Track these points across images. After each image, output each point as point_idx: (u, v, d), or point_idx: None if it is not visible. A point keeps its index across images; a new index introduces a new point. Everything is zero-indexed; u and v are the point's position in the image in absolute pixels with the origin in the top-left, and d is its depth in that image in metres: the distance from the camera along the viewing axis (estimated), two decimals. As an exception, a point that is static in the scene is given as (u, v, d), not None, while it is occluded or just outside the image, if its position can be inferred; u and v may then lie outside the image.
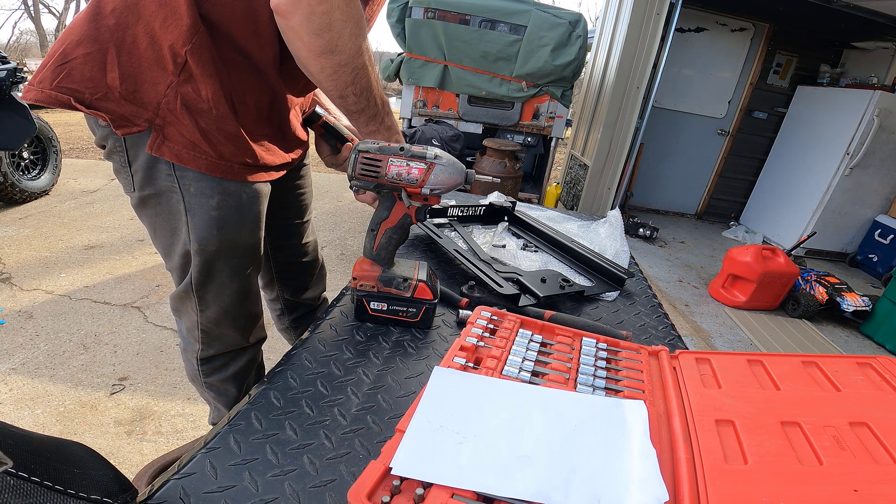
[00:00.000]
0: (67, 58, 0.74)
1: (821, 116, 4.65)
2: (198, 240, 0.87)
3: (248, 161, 0.85)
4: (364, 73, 0.78)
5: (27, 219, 3.53)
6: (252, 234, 0.93)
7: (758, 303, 3.40)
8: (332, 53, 0.72)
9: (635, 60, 3.90)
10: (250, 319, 1.08)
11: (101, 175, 4.80)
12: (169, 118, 0.76)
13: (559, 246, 1.23)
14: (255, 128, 0.86)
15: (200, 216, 0.85)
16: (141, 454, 1.64)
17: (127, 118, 0.76)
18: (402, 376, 0.73)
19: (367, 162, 0.75)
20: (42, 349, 2.10)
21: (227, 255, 0.91)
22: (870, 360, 0.66)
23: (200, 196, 0.83)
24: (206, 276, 0.92)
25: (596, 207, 4.40)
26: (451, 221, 1.26)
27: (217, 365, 1.09)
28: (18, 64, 3.57)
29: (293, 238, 1.26)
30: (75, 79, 0.74)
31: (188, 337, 1.05)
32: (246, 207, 0.89)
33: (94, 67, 0.74)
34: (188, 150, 0.79)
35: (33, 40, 21.05)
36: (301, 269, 1.33)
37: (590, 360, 0.72)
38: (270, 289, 1.34)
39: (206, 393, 1.17)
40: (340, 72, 0.76)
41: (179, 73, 0.74)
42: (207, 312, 0.98)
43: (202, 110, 0.77)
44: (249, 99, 0.83)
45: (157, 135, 0.77)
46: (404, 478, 0.48)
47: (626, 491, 0.48)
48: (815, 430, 0.53)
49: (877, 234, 4.48)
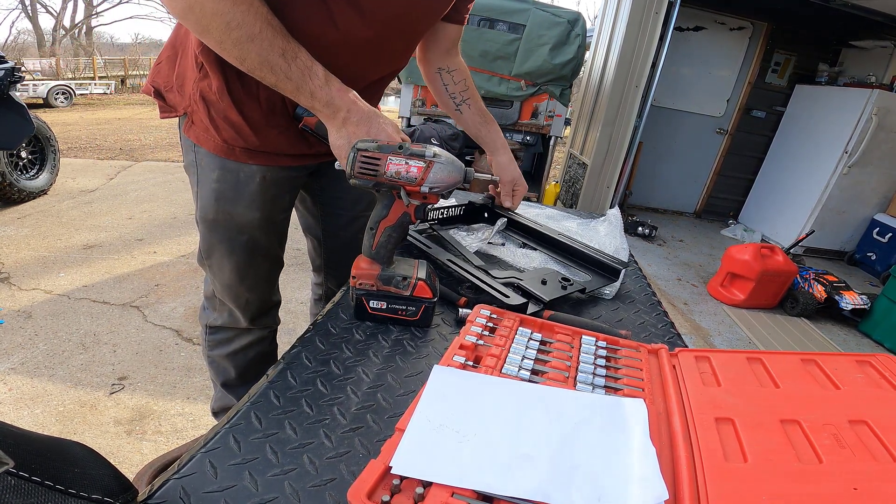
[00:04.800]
0: (160, 59, 0.97)
1: (819, 115, 4.66)
2: (201, 207, 1.02)
3: (250, 146, 0.95)
4: (250, 47, 0.72)
5: (25, 218, 3.53)
6: (248, 210, 1.02)
7: (756, 301, 3.40)
8: (205, 33, 0.72)
9: (634, 59, 3.89)
10: (253, 302, 1.16)
11: (99, 174, 4.80)
12: (194, 107, 0.92)
13: (550, 242, 1.22)
14: (266, 119, 0.93)
15: (206, 186, 1.00)
16: (141, 454, 1.64)
17: (174, 106, 0.96)
18: (402, 375, 0.73)
19: (365, 160, 0.75)
20: (41, 349, 2.10)
21: (225, 225, 1.03)
22: (869, 358, 0.66)
23: (207, 170, 0.98)
24: (208, 243, 1.07)
25: (595, 206, 4.40)
26: (431, 226, 1.24)
27: (221, 338, 1.22)
28: (16, 64, 3.57)
29: (345, 229, 1.28)
30: (160, 75, 0.96)
31: (206, 304, 1.22)
32: (242, 184, 0.99)
33: (170, 67, 0.95)
34: (203, 133, 0.94)
35: (31, 40, 21.02)
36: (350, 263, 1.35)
37: (589, 359, 0.72)
38: (318, 273, 1.43)
39: (209, 369, 1.29)
40: (224, 49, 0.73)
41: (200, 71, 0.88)
42: (216, 281, 1.13)
43: (212, 101, 0.90)
44: (262, 94, 0.90)
45: (189, 120, 0.95)
46: (404, 477, 0.48)
47: (626, 489, 0.48)
48: (814, 428, 0.53)
49: (875, 232, 4.48)
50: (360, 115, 0.80)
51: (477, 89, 1.27)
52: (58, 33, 20.40)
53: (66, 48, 19.78)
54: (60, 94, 9.91)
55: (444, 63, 1.19)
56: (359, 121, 0.81)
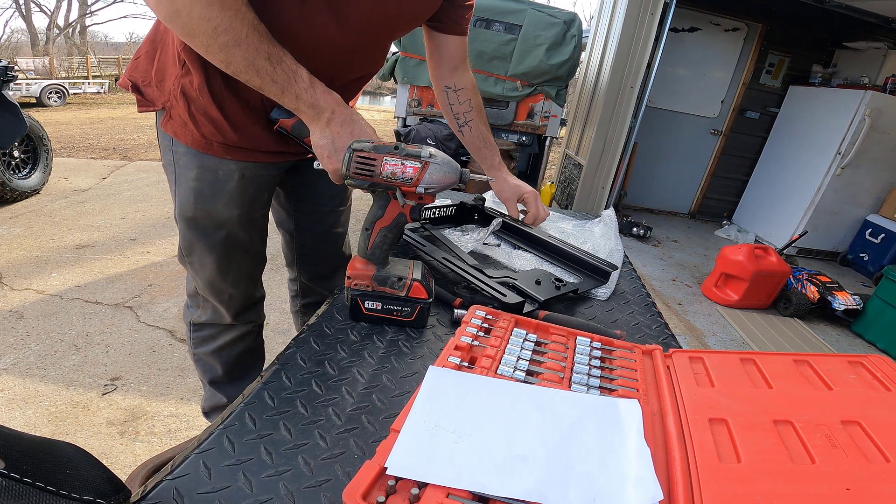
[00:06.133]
0: (139, 55, 0.96)
1: (813, 116, 4.68)
2: (180, 206, 1.02)
3: (228, 142, 0.96)
4: (236, 52, 0.73)
5: (17, 218, 3.50)
6: (226, 208, 1.02)
7: (750, 301, 3.42)
8: (192, 36, 0.72)
9: (629, 60, 3.91)
10: (236, 297, 1.17)
11: (91, 174, 4.77)
12: (173, 102, 0.92)
13: (543, 244, 1.22)
14: (246, 118, 0.94)
15: (184, 185, 1.00)
16: (134, 455, 1.63)
17: (152, 101, 0.95)
18: (397, 376, 0.73)
19: (361, 161, 0.75)
20: (33, 349, 2.09)
21: (204, 223, 1.03)
22: (861, 359, 0.67)
23: (185, 168, 0.98)
24: (188, 242, 1.07)
25: (590, 206, 4.41)
26: (423, 224, 1.24)
27: (205, 335, 1.23)
28: (9, 63, 3.54)
29: (318, 224, 1.29)
30: (138, 70, 0.96)
31: (190, 303, 1.22)
32: (221, 182, 0.99)
33: (149, 62, 0.94)
34: (181, 128, 0.94)
35: (24, 39, 20.86)
36: (322, 256, 1.37)
37: (584, 360, 0.72)
38: (291, 268, 1.42)
39: (197, 368, 1.30)
40: (210, 53, 0.73)
41: (182, 67, 0.88)
42: (198, 279, 1.14)
43: (192, 97, 0.91)
44: (242, 91, 0.91)
45: (167, 115, 0.95)
46: (399, 478, 0.48)
47: (622, 490, 0.48)
48: (807, 428, 0.54)
49: (868, 233, 4.51)
50: (343, 117, 0.83)
51: None
52: (52, 32, 20.26)
53: (59, 47, 19.65)
54: (54, 94, 9.84)
55: (452, 81, 1.20)
56: (342, 122, 0.83)
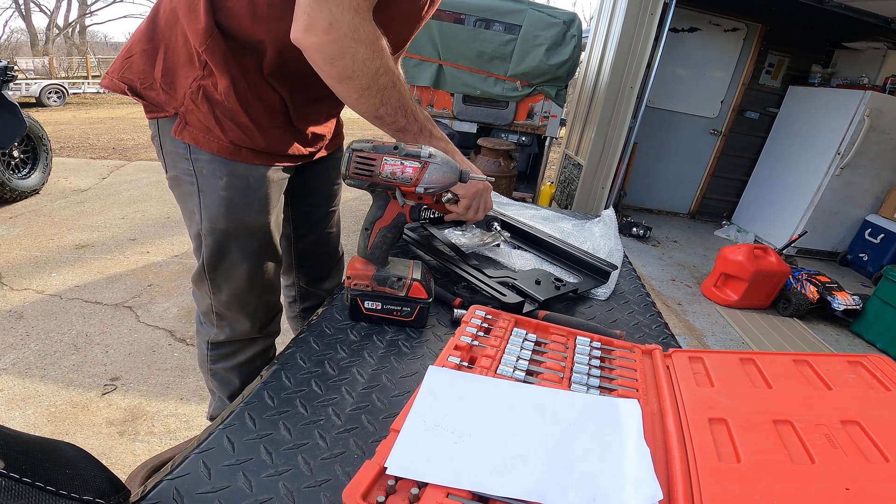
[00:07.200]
0: (131, 53, 0.89)
1: (812, 116, 4.68)
2: (209, 218, 0.95)
3: (256, 147, 0.93)
4: (392, 93, 0.81)
5: (17, 218, 3.50)
6: (260, 216, 0.99)
7: (749, 302, 3.42)
8: (350, 79, 0.76)
9: (629, 60, 3.91)
10: (261, 309, 1.13)
11: (91, 174, 4.77)
12: (191, 107, 0.87)
13: (542, 244, 1.22)
14: (269, 122, 0.93)
15: (211, 196, 0.94)
16: (133, 454, 1.63)
17: (160, 105, 0.89)
18: (397, 376, 0.73)
19: (360, 161, 0.75)
20: (33, 349, 2.09)
21: (236, 234, 0.98)
22: (860, 359, 0.67)
23: (211, 177, 0.92)
24: (216, 256, 1.00)
25: (590, 206, 4.41)
26: (423, 225, 1.24)
27: (225, 352, 1.15)
28: (9, 63, 3.54)
29: (316, 226, 1.30)
30: (133, 70, 0.89)
31: (204, 320, 1.13)
32: (253, 189, 0.96)
33: (147, 62, 0.88)
34: (203, 134, 0.89)
35: (24, 39, 20.83)
36: (320, 259, 1.37)
37: (584, 360, 0.72)
38: (288, 274, 1.39)
39: (210, 381, 1.21)
40: (366, 95, 0.79)
41: (203, 69, 0.85)
42: (220, 295, 1.06)
43: (217, 101, 0.87)
44: (264, 95, 0.91)
45: (181, 121, 0.88)
46: (399, 477, 0.48)
47: (621, 490, 0.48)
48: (806, 428, 0.54)
49: (867, 233, 4.51)
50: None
51: (473, 89, 1.28)
52: (51, 32, 20.23)
53: (59, 47, 19.62)
54: (53, 93, 9.82)
55: None
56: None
